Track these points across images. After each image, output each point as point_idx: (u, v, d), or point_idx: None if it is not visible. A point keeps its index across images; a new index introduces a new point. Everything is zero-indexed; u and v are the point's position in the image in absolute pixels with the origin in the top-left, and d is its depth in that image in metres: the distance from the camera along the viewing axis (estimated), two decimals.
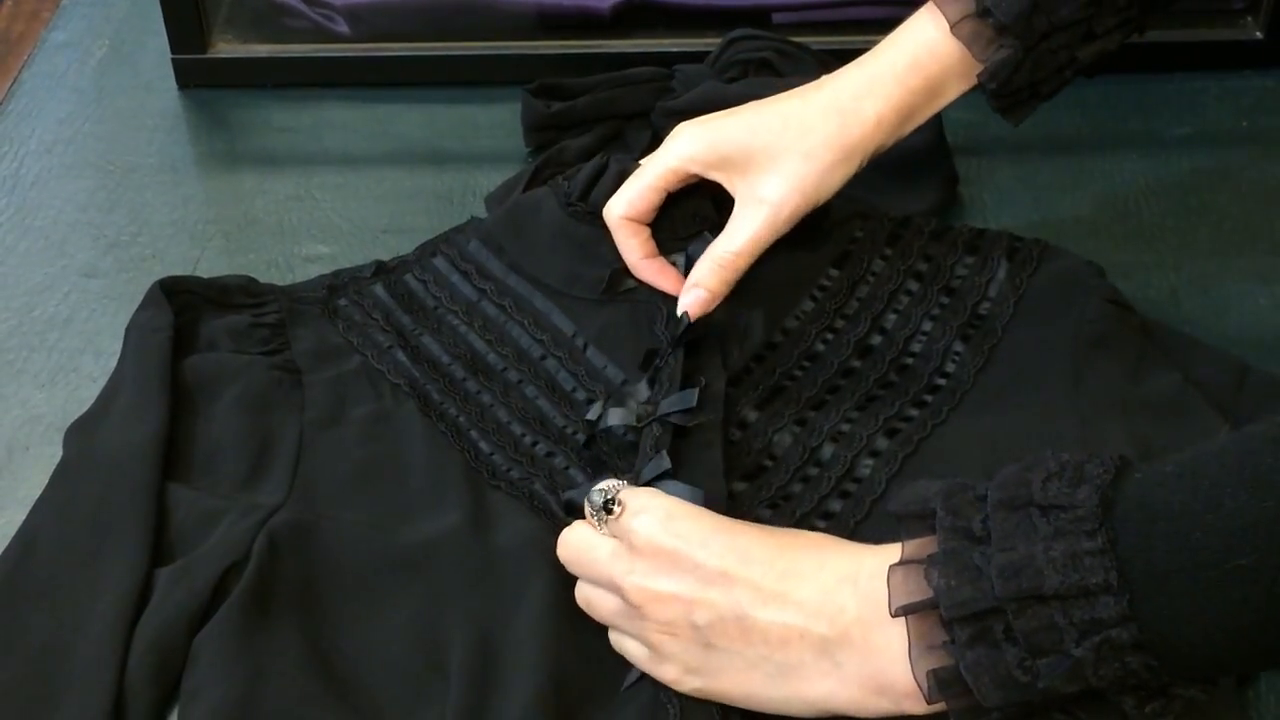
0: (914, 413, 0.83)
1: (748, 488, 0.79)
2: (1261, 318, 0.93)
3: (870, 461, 0.81)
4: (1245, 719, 0.71)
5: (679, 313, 0.84)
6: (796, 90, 0.86)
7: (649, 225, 0.87)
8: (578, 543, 0.73)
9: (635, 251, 0.86)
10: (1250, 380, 0.84)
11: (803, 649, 0.66)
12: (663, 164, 0.86)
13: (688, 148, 0.85)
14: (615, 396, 0.82)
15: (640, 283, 0.87)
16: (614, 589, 0.70)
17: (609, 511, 0.71)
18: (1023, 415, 0.82)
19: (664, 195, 0.86)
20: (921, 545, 0.64)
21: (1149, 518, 0.59)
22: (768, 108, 0.85)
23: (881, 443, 0.82)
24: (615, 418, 0.80)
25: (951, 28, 0.81)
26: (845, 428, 0.82)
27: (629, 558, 0.70)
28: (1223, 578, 0.56)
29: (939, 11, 0.82)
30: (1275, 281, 0.95)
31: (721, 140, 0.84)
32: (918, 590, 0.63)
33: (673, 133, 0.87)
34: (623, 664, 0.72)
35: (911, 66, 0.82)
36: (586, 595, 0.73)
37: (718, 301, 0.84)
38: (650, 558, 0.69)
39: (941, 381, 0.85)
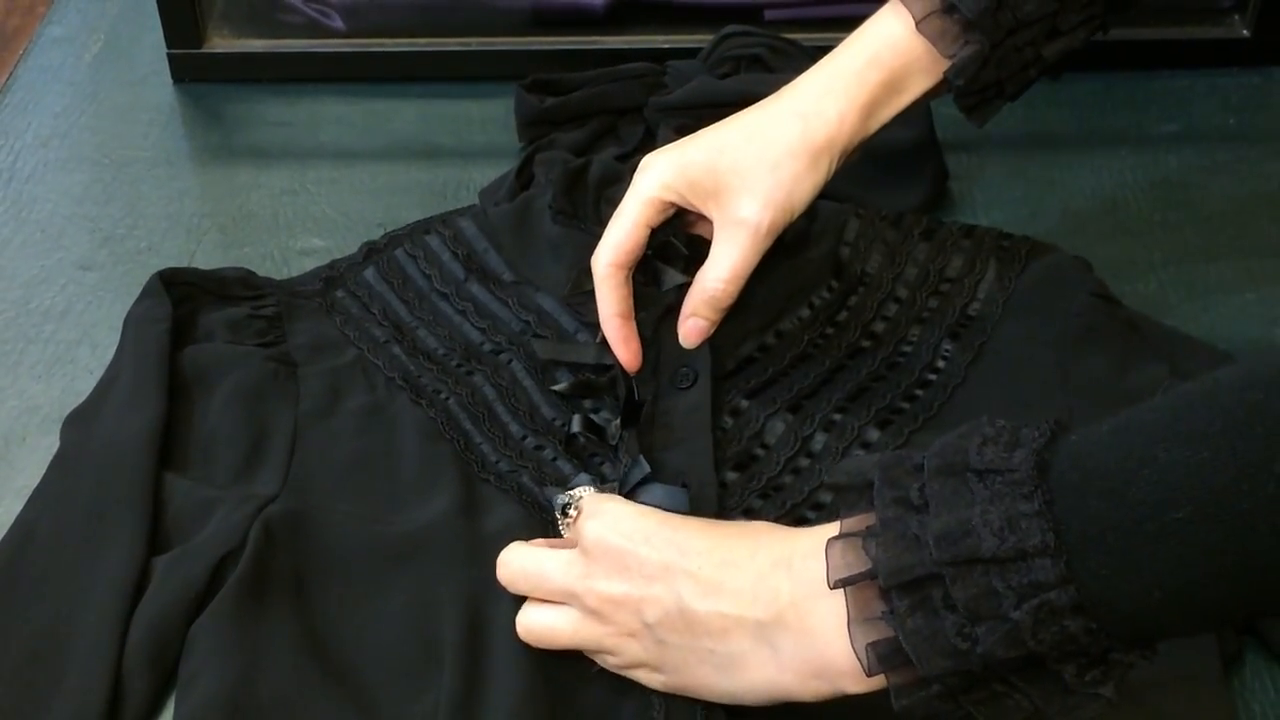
0: (905, 406, 0.84)
1: (739, 478, 0.80)
2: (1247, 312, 0.93)
3: (861, 453, 0.81)
4: (1232, 705, 0.72)
5: (680, 340, 0.84)
6: (758, 103, 0.84)
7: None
8: (521, 561, 0.73)
9: (610, 306, 0.83)
10: None
11: (741, 637, 0.66)
12: (641, 198, 0.83)
13: (660, 176, 0.83)
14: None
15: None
16: (570, 598, 0.71)
17: (566, 515, 0.73)
18: (1011, 409, 0.82)
19: (648, 231, 0.83)
20: (859, 520, 0.63)
21: (1084, 477, 0.58)
22: (729, 125, 0.84)
23: (873, 434, 0.82)
24: (578, 425, 0.82)
25: (917, 24, 0.81)
26: (837, 417, 0.83)
27: (583, 563, 0.71)
28: (1159, 532, 0.56)
29: (902, 8, 0.81)
30: (1261, 277, 0.96)
31: (688, 165, 0.82)
32: (856, 563, 0.62)
33: (640, 165, 0.84)
34: None
35: (871, 62, 0.81)
36: (538, 623, 0.72)
37: (715, 328, 0.84)
38: (600, 559, 0.70)
39: (932, 377, 0.85)
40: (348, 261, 0.93)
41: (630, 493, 0.77)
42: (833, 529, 0.64)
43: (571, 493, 0.74)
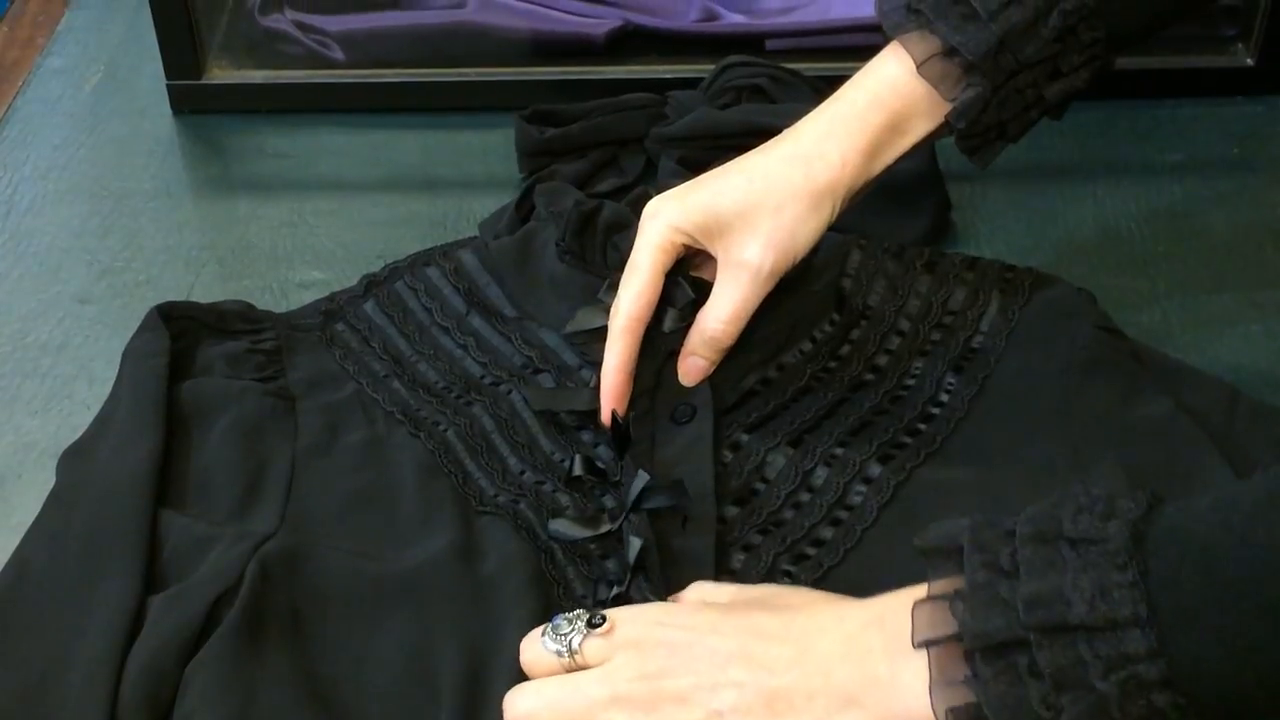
0: (907, 440, 0.83)
1: (739, 512, 0.80)
2: (1252, 343, 0.93)
3: (863, 488, 0.81)
4: None
5: (680, 378, 0.84)
6: (761, 146, 0.85)
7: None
8: (539, 691, 0.69)
9: (617, 359, 0.82)
10: (1241, 406, 0.84)
11: (829, 701, 0.64)
12: (653, 245, 0.83)
13: (668, 219, 0.83)
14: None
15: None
16: (617, 705, 0.66)
17: (595, 627, 0.69)
18: (1015, 443, 0.83)
19: (663, 278, 0.83)
20: (948, 582, 0.62)
21: (1180, 551, 0.58)
22: (732, 168, 0.84)
23: (874, 469, 0.82)
24: (579, 467, 0.81)
25: (919, 67, 0.80)
26: (839, 451, 0.82)
27: (634, 663, 0.67)
28: (1256, 612, 0.55)
29: (903, 51, 0.81)
30: (1267, 308, 0.95)
31: (693, 207, 0.83)
32: (942, 624, 0.61)
33: (646, 211, 0.84)
34: None
35: (873, 104, 0.81)
36: None
37: (714, 367, 0.84)
38: (664, 655, 0.67)
39: (935, 411, 0.85)
40: (347, 294, 0.93)
41: (634, 504, 0.77)
42: (920, 590, 0.63)
43: (580, 612, 0.70)
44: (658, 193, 0.87)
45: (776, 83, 1.05)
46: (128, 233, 1.04)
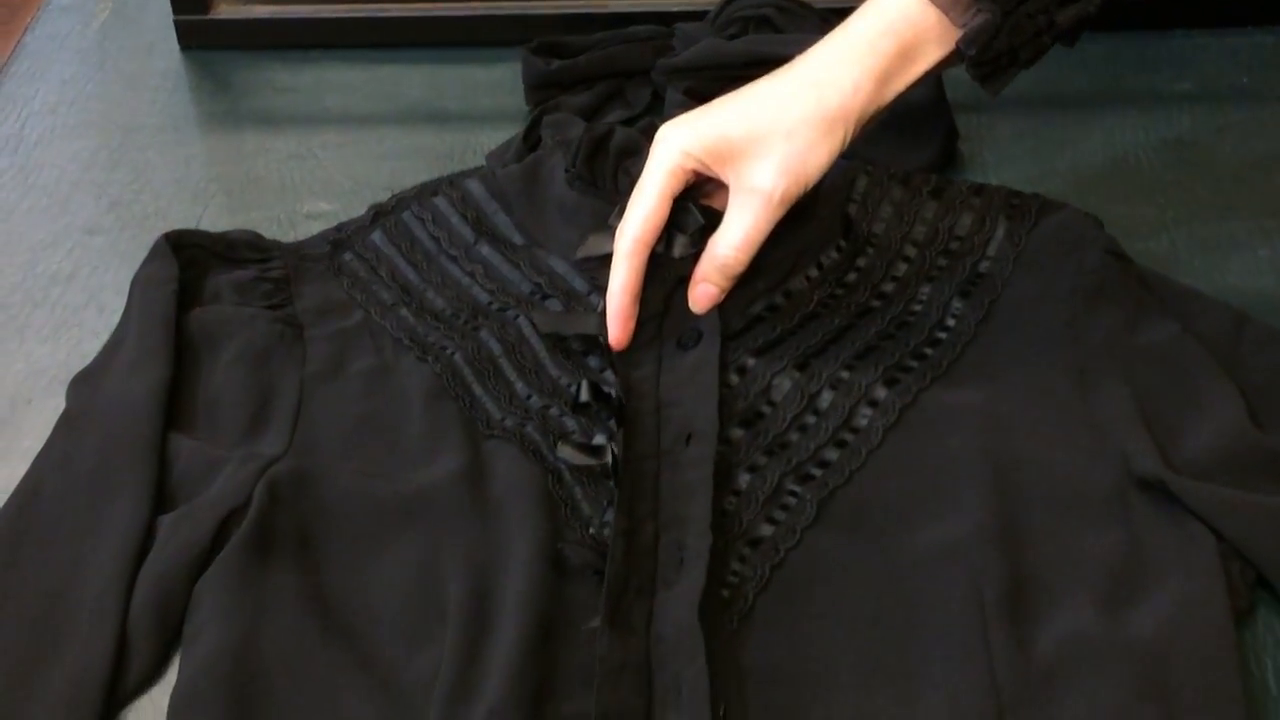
0: (914, 364, 0.83)
1: (745, 434, 0.80)
2: (1259, 269, 0.93)
3: (869, 411, 0.81)
4: (1241, 658, 0.72)
5: (690, 305, 0.83)
6: (772, 73, 0.84)
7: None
8: None
9: (622, 281, 0.82)
10: (1247, 330, 0.84)
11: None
12: (663, 169, 0.82)
13: (679, 144, 0.82)
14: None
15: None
16: None
17: None
18: (1021, 367, 0.83)
19: (671, 203, 0.82)
20: None
21: None
22: (744, 94, 0.83)
23: (880, 392, 0.82)
24: (586, 393, 0.81)
25: None
26: (845, 375, 0.82)
27: None
28: None
29: None
30: (1274, 234, 0.95)
31: (704, 133, 0.82)
32: None
33: (657, 138, 0.83)
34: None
35: (884, 32, 0.81)
36: None
37: (725, 295, 0.83)
38: None
39: (942, 335, 0.85)
40: (355, 224, 0.93)
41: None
42: None
43: None
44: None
45: (784, 13, 1.04)
46: (136, 166, 1.04)
